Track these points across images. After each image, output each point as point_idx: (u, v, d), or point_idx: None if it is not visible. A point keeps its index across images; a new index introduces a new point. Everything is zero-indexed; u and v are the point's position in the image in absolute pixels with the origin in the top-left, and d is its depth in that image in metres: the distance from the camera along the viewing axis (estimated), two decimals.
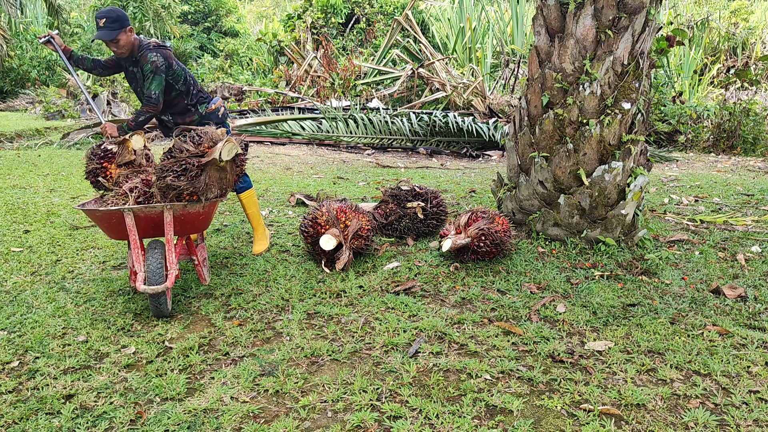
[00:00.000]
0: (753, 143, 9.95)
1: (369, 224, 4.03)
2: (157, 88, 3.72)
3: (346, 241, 3.83)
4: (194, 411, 2.30)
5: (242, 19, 26.57)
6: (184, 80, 3.87)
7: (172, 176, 3.03)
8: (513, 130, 4.62)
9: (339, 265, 3.76)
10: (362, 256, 4.08)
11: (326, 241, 3.77)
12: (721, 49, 15.51)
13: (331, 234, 3.81)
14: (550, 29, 4.28)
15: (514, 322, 3.10)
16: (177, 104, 3.93)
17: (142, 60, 3.72)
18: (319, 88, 13.03)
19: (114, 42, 3.64)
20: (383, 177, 7.29)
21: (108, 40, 3.62)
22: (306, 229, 3.92)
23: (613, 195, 4.14)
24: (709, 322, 3.09)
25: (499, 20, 17.09)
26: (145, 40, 3.79)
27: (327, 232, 3.82)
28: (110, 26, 3.60)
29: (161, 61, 3.70)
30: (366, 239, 3.95)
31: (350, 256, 3.83)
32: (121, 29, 3.62)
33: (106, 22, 3.59)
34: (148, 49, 3.72)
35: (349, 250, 3.83)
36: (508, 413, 2.29)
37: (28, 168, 7.52)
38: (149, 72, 3.69)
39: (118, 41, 3.64)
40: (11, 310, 3.21)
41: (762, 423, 2.23)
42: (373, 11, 20.50)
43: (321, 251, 3.85)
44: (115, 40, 3.63)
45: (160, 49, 3.75)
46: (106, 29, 3.60)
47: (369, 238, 3.99)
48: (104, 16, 3.60)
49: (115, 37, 3.61)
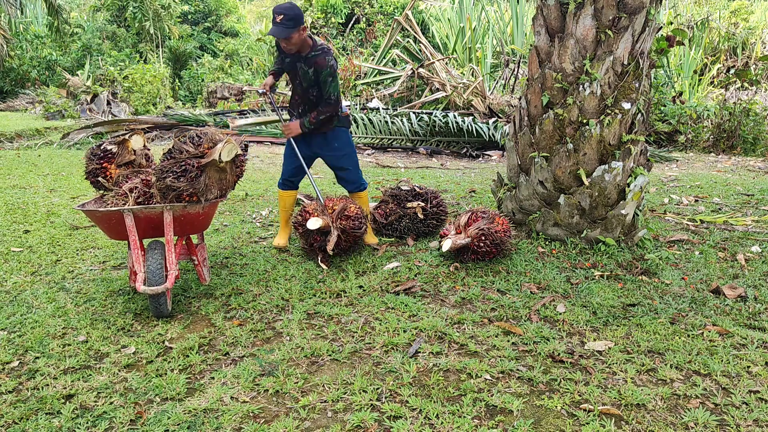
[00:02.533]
0: (753, 143, 9.95)
1: (358, 209, 4.04)
2: (335, 90, 3.88)
3: (333, 221, 3.87)
4: (194, 411, 2.30)
5: (242, 19, 26.55)
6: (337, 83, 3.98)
7: (171, 177, 3.03)
8: (513, 130, 4.62)
9: (329, 246, 3.78)
10: (361, 255, 4.08)
11: (313, 222, 3.82)
12: (721, 49, 15.51)
13: (317, 216, 3.87)
14: (550, 29, 4.28)
15: (514, 322, 3.10)
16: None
17: (319, 62, 3.81)
18: None
19: (286, 39, 3.71)
20: (383, 177, 7.29)
21: (282, 37, 3.70)
22: (296, 219, 4.00)
23: (613, 195, 4.14)
24: (709, 322, 3.09)
25: (499, 20, 17.09)
26: (318, 40, 3.90)
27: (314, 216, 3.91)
28: (286, 24, 3.65)
29: (335, 65, 3.86)
30: (355, 220, 3.95)
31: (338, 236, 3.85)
32: (295, 27, 3.68)
33: (284, 19, 3.64)
34: (324, 51, 3.84)
35: (336, 230, 3.85)
36: (508, 413, 2.29)
37: (28, 168, 7.52)
38: (327, 75, 3.81)
39: (290, 39, 3.71)
40: (11, 310, 3.21)
41: (762, 423, 2.23)
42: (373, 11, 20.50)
43: (313, 243, 3.89)
44: (288, 37, 3.70)
45: (331, 52, 3.88)
46: (282, 26, 3.66)
47: (359, 220, 3.98)
48: (282, 12, 3.64)
49: (288, 35, 3.68)
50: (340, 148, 4.15)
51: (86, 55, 19.22)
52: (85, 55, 19.29)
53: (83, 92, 15.53)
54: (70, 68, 18.69)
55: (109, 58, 18.96)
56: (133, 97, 15.29)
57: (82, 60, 19.04)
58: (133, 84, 15.44)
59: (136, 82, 15.38)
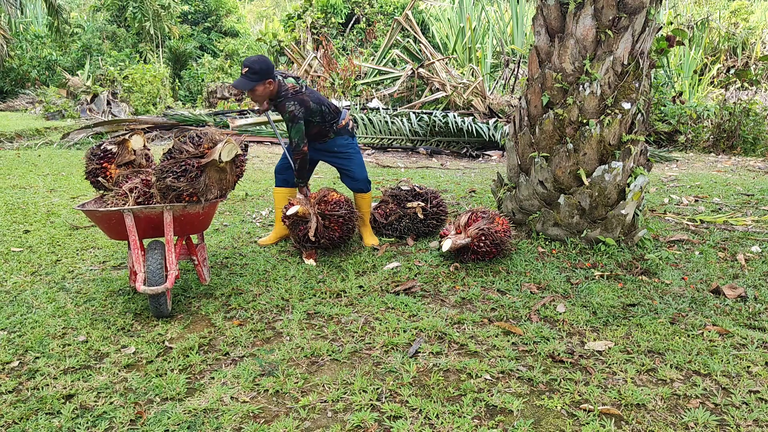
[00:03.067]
0: (753, 143, 9.95)
1: (340, 196, 4.06)
2: (297, 135, 3.90)
3: (312, 207, 3.92)
4: (194, 411, 2.30)
5: (242, 19, 26.57)
6: (320, 112, 4.01)
7: (171, 177, 3.03)
8: (513, 130, 4.62)
9: (311, 233, 3.83)
10: (361, 255, 4.08)
11: (291, 209, 3.87)
12: (721, 49, 15.51)
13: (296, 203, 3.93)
14: (550, 29, 4.28)
15: (514, 322, 3.10)
16: (317, 132, 4.11)
17: (281, 108, 3.91)
18: (319, 88, 13.02)
19: (250, 92, 3.81)
20: (383, 177, 7.29)
21: (243, 90, 3.79)
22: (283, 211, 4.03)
23: (613, 195, 4.14)
24: (709, 322, 3.09)
25: (499, 20, 17.09)
26: (284, 85, 3.92)
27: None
28: (250, 77, 3.74)
29: (298, 108, 3.85)
30: (336, 204, 3.97)
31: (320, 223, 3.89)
32: (259, 81, 3.76)
33: (248, 72, 3.74)
34: (287, 98, 3.87)
35: (315, 216, 3.89)
36: (508, 413, 2.29)
37: (28, 168, 7.52)
38: (287, 121, 3.88)
39: (254, 91, 3.81)
40: (11, 310, 3.21)
41: (762, 423, 2.23)
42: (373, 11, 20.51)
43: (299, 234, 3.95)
44: (252, 90, 3.80)
45: (297, 96, 3.89)
46: (245, 78, 3.76)
47: (340, 204, 3.98)
48: (248, 65, 3.74)
49: (251, 88, 3.77)
50: (339, 153, 4.24)
51: (86, 55, 19.23)
52: (85, 55, 19.30)
53: (83, 92, 15.54)
54: (70, 68, 18.70)
55: (109, 58, 18.97)
56: (133, 97, 15.29)
57: (82, 60, 19.05)
58: (133, 84, 15.45)
59: (136, 82, 15.39)
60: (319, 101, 4.02)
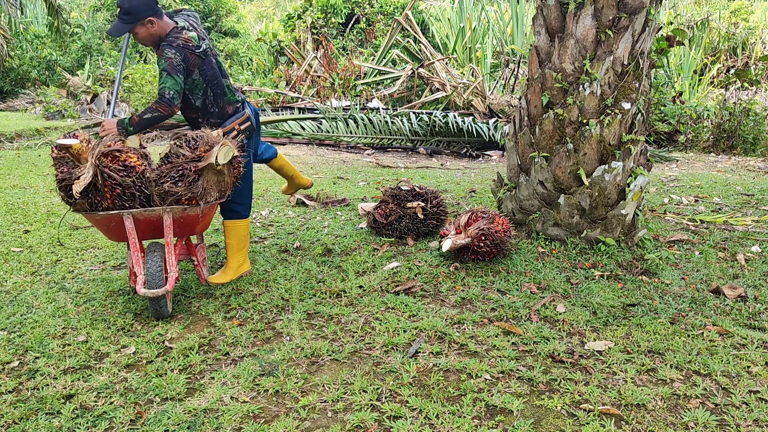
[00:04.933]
0: (753, 143, 9.94)
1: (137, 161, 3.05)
2: (173, 88, 3.15)
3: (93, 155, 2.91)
4: (194, 411, 2.30)
5: (242, 19, 26.55)
6: (203, 93, 3.37)
7: (169, 182, 3.02)
8: (513, 130, 4.62)
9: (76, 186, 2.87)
10: (361, 255, 4.07)
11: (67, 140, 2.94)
12: (721, 49, 15.50)
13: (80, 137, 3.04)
14: (550, 29, 4.28)
15: (514, 322, 3.10)
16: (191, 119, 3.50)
17: (159, 52, 3.19)
18: (319, 88, 13.02)
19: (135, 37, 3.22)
20: (383, 177, 7.29)
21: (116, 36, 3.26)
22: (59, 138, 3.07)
23: (613, 195, 4.14)
24: (709, 322, 3.09)
25: (499, 20, 17.08)
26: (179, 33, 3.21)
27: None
28: (123, 18, 3.15)
29: (175, 56, 3.14)
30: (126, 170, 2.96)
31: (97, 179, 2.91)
32: (136, 22, 3.15)
33: (120, 14, 3.15)
34: (170, 44, 3.18)
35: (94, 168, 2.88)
36: (508, 413, 2.29)
37: (28, 168, 7.52)
38: (161, 69, 3.17)
39: (137, 35, 3.21)
40: (11, 310, 3.21)
41: (762, 423, 2.23)
42: (373, 11, 20.49)
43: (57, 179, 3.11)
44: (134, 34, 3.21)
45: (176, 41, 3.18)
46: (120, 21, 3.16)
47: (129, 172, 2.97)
48: (119, 5, 3.13)
49: (130, 31, 3.19)
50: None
51: (86, 55, 19.22)
52: (85, 55, 19.29)
53: (83, 92, 15.53)
54: (70, 68, 18.69)
55: (109, 58, 18.96)
56: (133, 97, 15.28)
57: (82, 60, 19.04)
58: (133, 84, 15.44)
59: (136, 82, 15.38)
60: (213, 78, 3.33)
